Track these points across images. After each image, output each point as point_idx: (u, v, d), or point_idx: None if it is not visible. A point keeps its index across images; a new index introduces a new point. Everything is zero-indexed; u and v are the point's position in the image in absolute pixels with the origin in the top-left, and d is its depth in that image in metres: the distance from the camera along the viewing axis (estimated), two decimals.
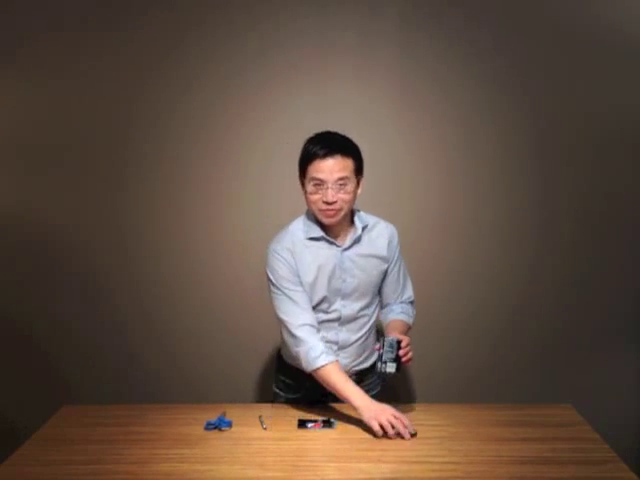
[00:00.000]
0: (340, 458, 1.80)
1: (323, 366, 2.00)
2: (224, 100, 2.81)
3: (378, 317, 2.30)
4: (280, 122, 2.82)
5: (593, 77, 2.78)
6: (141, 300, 2.94)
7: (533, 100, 2.80)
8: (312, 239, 2.12)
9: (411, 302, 2.32)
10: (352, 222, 2.15)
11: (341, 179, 1.99)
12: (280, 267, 2.09)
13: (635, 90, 2.79)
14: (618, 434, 2.60)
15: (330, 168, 1.98)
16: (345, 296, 2.15)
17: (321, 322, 2.15)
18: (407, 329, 2.22)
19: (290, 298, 2.08)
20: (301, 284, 2.10)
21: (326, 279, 2.11)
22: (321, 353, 2.01)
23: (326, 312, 2.15)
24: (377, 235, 2.19)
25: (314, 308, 2.13)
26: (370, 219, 2.20)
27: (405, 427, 1.90)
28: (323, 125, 2.12)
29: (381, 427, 1.90)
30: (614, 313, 2.91)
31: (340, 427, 1.99)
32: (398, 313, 2.25)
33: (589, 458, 1.78)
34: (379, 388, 2.35)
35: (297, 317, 2.07)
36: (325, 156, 1.98)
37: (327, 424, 2.01)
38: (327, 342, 2.14)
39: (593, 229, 2.86)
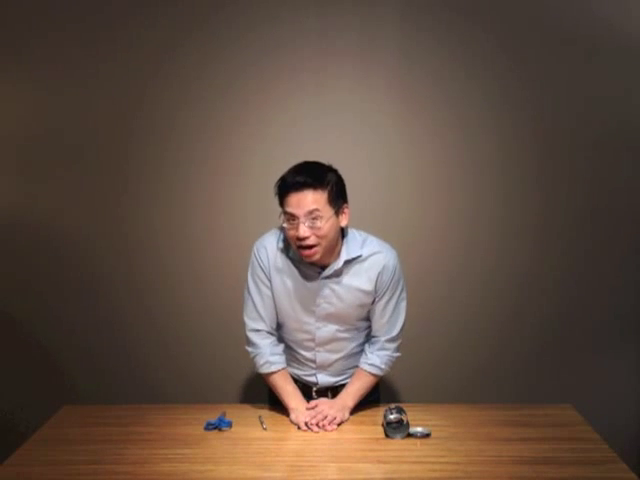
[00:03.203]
0: (340, 458, 1.80)
1: (267, 374, 2.10)
2: (224, 101, 2.81)
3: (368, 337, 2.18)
4: (280, 122, 2.81)
5: (593, 77, 2.77)
6: (141, 300, 2.93)
7: (534, 101, 2.79)
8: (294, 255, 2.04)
9: (392, 340, 2.11)
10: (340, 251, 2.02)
11: (311, 212, 1.89)
12: (254, 264, 2.11)
13: (636, 90, 2.79)
14: (618, 434, 2.60)
15: (298, 201, 1.89)
16: (319, 319, 2.07)
17: (298, 340, 2.13)
18: (366, 386, 2.10)
19: (253, 300, 2.10)
20: (269, 288, 2.08)
21: (298, 296, 2.06)
22: (265, 362, 2.09)
23: (300, 331, 2.11)
24: (368, 267, 2.03)
25: (286, 324, 2.12)
26: (367, 248, 2.04)
27: (324, 424, 1.97)
28: (323, 125, 2.13)
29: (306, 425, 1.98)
30: (614, 313, 2.91)
31: (340, 427, 1.99)
32: (367, 364, 2.10)
33: (589, 458, 1.78)
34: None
35: (253, 321, 2.11)
36: (295, 190, 1.90)
37: None
38: (305, 360, 2.15)
39: (593, 229, 2.86)
